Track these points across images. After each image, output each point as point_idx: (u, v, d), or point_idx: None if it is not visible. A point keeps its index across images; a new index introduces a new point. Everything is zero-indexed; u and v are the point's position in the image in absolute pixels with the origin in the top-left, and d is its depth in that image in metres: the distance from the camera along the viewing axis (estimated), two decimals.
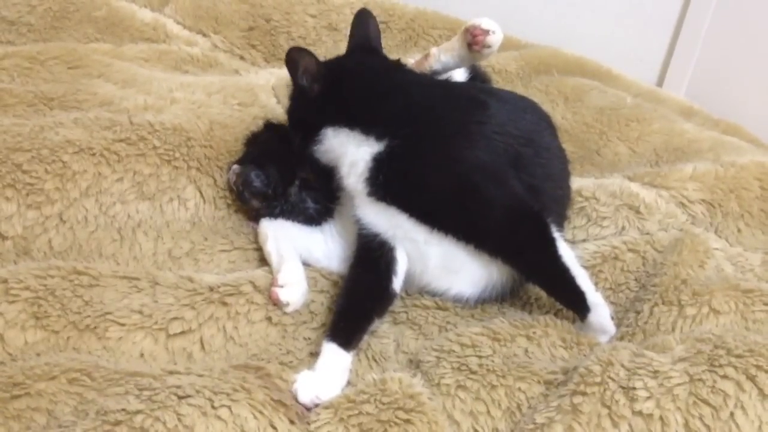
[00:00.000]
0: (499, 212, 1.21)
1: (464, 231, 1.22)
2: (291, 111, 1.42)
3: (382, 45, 2.04)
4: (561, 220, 1.41)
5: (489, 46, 1.42)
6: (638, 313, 1.28)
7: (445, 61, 1.49)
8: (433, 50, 1.51)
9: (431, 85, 1.40)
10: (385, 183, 1.23)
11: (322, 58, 1.47)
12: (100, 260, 1.31)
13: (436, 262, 1.26)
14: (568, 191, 1.45)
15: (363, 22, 1.46)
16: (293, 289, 1.26)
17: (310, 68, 1.31)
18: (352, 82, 1.34)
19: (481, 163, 1.23)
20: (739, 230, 1.51)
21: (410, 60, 1.65)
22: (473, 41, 1.41)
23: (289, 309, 1.25)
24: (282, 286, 1.26)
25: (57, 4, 1.93)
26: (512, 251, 1.23)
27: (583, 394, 1.03)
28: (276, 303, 1.25)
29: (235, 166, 1.42)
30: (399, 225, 1.24)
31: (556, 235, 1.22)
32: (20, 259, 1.26)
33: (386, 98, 1.31)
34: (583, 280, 1.21)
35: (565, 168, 1.44)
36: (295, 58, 1.31)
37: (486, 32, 1.40)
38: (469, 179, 1.22)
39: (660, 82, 2.34)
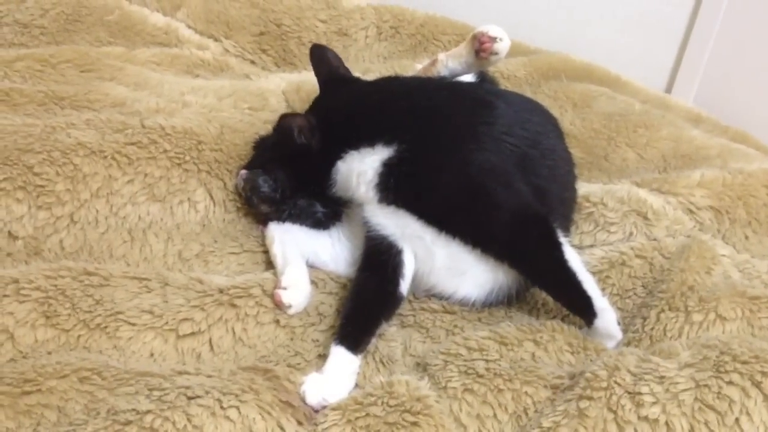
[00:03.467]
0: (506, 215, 1.22)
1: (471, 234, 1.23)
2: (299, 172, 1.38)
3: (392, 50, 2.07)
4: (568, 223, 1.41)
5: (496, 54, 1.42)
6: (645, 319, 1.28)
7: (452, 67, 1.49)
8: (441, 56, 1.51)
9: (437, 87, 1.41)
10: (396, 188, 1.24)
11: None
12: (111, 261, 1.32)
13: (443, 262, 1.26)
14: (574, 194, 1.46)
15: (320, 57, 1.48)
16: (296, 291, 1.27)
17: (303, 127, 1.33)
18: (344, 112, 1.36)
19: (489, 165, 1.24)
20: (746, 237, 1.51)
21: (418, 66, 1.66)
22: (481, 48, 1.42)
23: (291, 311, 1.26)
24: (285, 289, 1.27)
25: (70, 8, 1.94)
26: (518, 255, 1.24)
27: (590, 398, 1.04)
28: (278, 305, 1.26)
29: (243, 171, 1.42)
30: (407, 225, 1.25)
31: (562, 239, 1.23)
32: (31, 260, 1.27)
33: (387, 105, 1.32)
34: (589, 285, 1.22)
35: (572, 170, 1.44)
36: (288, 124, 1.34)
37: (493, 39, 1.41)
38: (477, 181, 1.23)
39: (669, 89, 2.34)
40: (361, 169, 1.27)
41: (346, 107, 1.37)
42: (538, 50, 2.21)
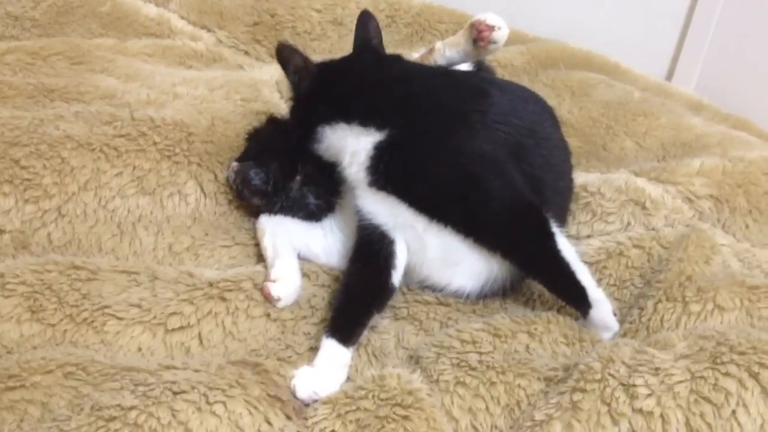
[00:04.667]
0: (498, 204, 1.20)
1: (462, 222, 1.21)
2: (290, 111, 1.44)
3: (388, 40, 2.03)
4: (564, 212, 1.40)
5: (494, 42, 1.40)
6: (642, 309, 1.26)
7: (449, 56, 1.47)
8: (438, 44, 1.49)
9: (432, 74, 1.39)
10: (386, 172, 1.23)
11: (327, 54, 1.47)
12: (100, 255, 1.31)
13: (436, 252, 1.25)
14: (570, 183, 1.44)
15: (364, 24, 1.45)
16: (285, 284, 1.26)
17: (299, 67, 1.32)
18: (343, 79, 1.34)
19: (482, 153, 1.22)
20: (746, 226, 1.48)
21: (414, 55, 1.64)
22: (478, 37, 1.39)
23: (280, 304, 1.24)
24: (274, 281, 1.25)
25: (61, 0, 1.92)
26: (510, 245, 1.22)
27: (583, 391, 1.02)
28: (268, 298, 1.24)
29: (234, 164, 1.41)
30: (399, 213, 1.23)
31: (555, 229, 1.20)
32: (19, 254, 1.26)
33: (383, 89, 1.30)
34: (583, 275, 1.19)
35: (568, 159, 1.42)
36: (285, 56, 1.33)
37: (491, 28, 1.38)
38: (469, 169, 1.21)
39: (669, 77, 2.32)
40: (354, 149, 1.26)
41: (347, 78, 1.35)
42: (536, 38, 2.18)
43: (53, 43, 1.75)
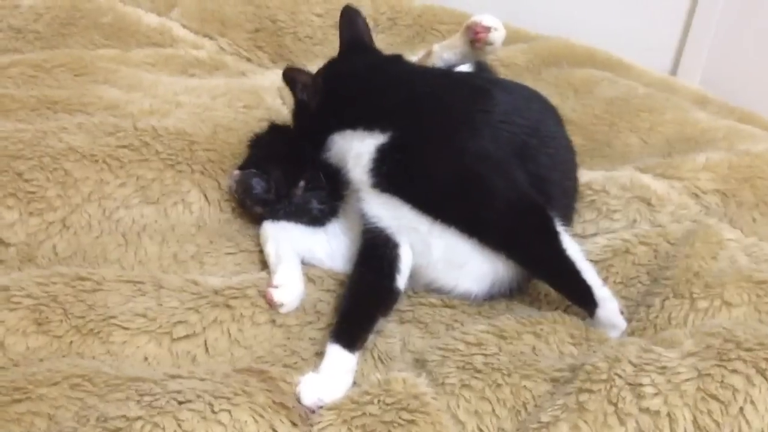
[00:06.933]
0: (502, 204, 1.19)
1: (466, 223, 1.21)
2: (296, 126, 1.43)
3: (389, 42, 2.04)
4: (570, 212, 1.39)
5: (491, 44, 1.40)
6: (649, 307, 1.25)
7: (447, 58, 1.47)
8: (436, 47, 1.49)
9: (435, 75, 1.39)
10: (389, 173, 1.22)
11: (327, 58, 1.47)
12: (106, 265, 1.31)
13: (440, 254, 1.24)
14: (576, 182, 1.43)
15: (350, 20, 1.44)
16: (288, 290, 1.26)
17: (307, 84, 1.32)
18: (348, 86, 1.33)
19: (485, 153, 1.21)
20: (754, 220, 1.47)
21: (413, 58, 1.64)
22: (475, 38, 1.39)
23: (283, 310, 1.24)
24: (277, 287, 1.25)
25: (63, 12, 1.94)
26: (515, 245, 1.21)
27: (589, 391, 1.01)
28: (270, 303, 1.24)
29: (236, 172, 1.41)
30: (403, 215, 1.23)
31: (560, 228, 1.20)
32: (25, 266, 1.26)
33: (386, 91, 1.30)
34: (589, 274, 1.19)
35: (573, 158, 1.41)
36: (292, 77, 1.32)
37: (488, 29, 1.38)
38: (473, 169, 1.20)
39: (673, 71, 2.30)
40: (358, 152, 1.25)
41: (350, 85, 1.34)
42: (538, 36, 2.17)
43: (56, 55, 1.77)
